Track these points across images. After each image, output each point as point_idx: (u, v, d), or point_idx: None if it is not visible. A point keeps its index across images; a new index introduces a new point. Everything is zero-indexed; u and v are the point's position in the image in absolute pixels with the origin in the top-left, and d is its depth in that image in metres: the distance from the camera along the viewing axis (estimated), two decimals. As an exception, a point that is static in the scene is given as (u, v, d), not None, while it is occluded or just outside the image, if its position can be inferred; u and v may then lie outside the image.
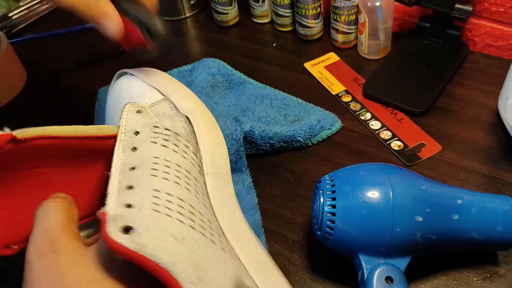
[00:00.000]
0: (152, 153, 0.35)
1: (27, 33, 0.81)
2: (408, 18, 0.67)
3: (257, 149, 0.52)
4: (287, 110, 0.57)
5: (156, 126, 0.38)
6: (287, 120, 0.56)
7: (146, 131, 0.37)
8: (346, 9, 0.63)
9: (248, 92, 0.61)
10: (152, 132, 0.37)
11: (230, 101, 0.59)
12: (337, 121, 0.56)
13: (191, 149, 0.38)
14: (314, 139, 0.54)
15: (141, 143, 0.35)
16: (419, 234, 0.37)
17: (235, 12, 0.74)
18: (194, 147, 0.38)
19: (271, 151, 0.53)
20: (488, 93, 0.58)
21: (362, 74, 0.63)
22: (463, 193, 0.40)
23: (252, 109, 0.58)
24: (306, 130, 0.53)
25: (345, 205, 0.38)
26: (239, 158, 0.50)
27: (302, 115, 0.56)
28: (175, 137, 0.37)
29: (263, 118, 0.56)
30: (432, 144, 0.53)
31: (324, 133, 0.54)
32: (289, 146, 0.53)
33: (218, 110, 0.57)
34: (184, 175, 0.34)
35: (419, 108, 0.56)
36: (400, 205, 0.37)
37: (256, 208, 0.48)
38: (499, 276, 0.41)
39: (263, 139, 0.51)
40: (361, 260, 0.38)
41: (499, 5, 0.59)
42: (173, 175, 0.33)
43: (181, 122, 0.40)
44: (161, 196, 0.31)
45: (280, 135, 0.51)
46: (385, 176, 0.39)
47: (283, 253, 0.45)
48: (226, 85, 0.62)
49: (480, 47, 0.64)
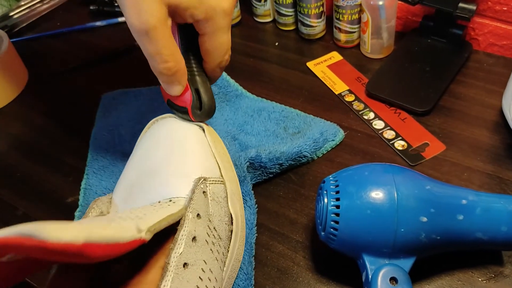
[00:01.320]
0: (203, 256, 0.35)
1: (28, 33, 0.81)
2: (411, 17, 0.67)
3: (267, 173, 0.50)
4: (287, 123, 0.56)
5: (210, 220, 0.37)
6: (287, 133, 0.54)
7: (202, 225, 0.36)
8: (349, 8, 0.63)
9: (244, 106, 0.59)
10: (206, 231, 0.36)
11: (226, 115, 0.58)
12: (339, 131, 0.54)
13: (222, 258, 0.38)
14: (319, 152, 0.53)
15: (199, 237, 0.35)
16: (424, 234, 0.37)
17: (237, 11, 0.74)
18: (225, 256, 0.39)
19: (280, 172, 0.51)
20: (492, 92, 0.57)
21: (365, 74, 0.63)
22: (468, 193, 0.40)
23: (250, 123, 0.56)
24: (311, 144, 0.51)
25: (349, 206, 0.38)
26: (240, 183, 0.47)
27: (302, 127, 0.55)
28: (218, 241, 0.38)
29: (262, 132, 0.55)
30: (436, 144, 0.52)
31: (329, 144, 0.53)
32: (296, 163, 0.52)
33: (214, 125, 0.55)
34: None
35: (422, 107, 0.55)
36: (405, 206, 0.37)
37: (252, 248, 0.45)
38: (503, 276, 0.41)
39: (271, 161, 0.49)
40: (365, 260, 0.38)
41: (503, 4, 0.59)
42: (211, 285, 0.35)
43: (225, 224, 0.39)
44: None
45: (287, 154, 0.50)
46: (389, 176, 0.39)
47: (286, 253, 0.45)
48: (222, 97, 0.60)
49: (484, 46, 0.64)
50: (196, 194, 0.37)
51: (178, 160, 0.40)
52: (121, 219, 0.32)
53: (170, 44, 0.38)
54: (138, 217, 0.32)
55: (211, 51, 0.42)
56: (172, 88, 0.41)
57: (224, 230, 0.39)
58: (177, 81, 0.41)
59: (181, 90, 0.42)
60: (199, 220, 0.36)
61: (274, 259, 0.45)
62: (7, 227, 0.22)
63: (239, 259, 0.42)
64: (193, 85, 0.42)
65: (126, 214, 0.33)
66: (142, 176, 0.40)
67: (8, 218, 0.52)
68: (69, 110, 0.65)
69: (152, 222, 0.32)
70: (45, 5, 0.83)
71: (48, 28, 0.80)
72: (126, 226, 0.30)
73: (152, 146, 0.42)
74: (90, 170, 0.55)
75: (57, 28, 0.80)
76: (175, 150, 0.41)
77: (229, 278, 0.40)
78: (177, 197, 0.37)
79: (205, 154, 0.41)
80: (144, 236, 0.30)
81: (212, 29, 0.40)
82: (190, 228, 0.35)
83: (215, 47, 0.41)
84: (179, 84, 0.41)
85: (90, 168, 0.55)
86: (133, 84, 0.66)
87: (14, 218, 0.52)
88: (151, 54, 0.38)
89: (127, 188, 0.40)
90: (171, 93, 0.42)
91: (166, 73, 0.40)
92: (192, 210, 0.36)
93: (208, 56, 0.42)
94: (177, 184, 0.38)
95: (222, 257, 0.38)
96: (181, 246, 0.33)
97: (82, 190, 0.53)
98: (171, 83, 0.41)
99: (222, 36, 0.41)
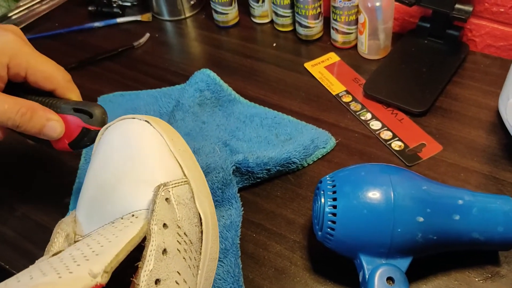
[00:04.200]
0: (176, 267, 0.33)
1: (27, 33, 0.81)
2: (408, 18, 0.67)
3: (254, 178, 0.50)
4: (278, 129, 0.55)
5: (178, 227, 0.36)
6: (278, 140, 0.54)
7: (171, 235, 0.35)
8: (346, 9, 0.63)
9: (237, 111, 0.58)
10: (176, 240, 0.35)
11: (219, 120, 0.57)
12: (330, 138, 0.54)
13: (194, 263, 0.37)
14: (310, 159, 0.52)
15: (170, 248, 0.34)
16: (420, 234, 0.37)
17: (235, 12, 0.74)
18: (197, 260, 0.37)
19: (268, 177, 0.51)
20: (489, 93, 0.58)
21: (362, 74, 0.63)
22: (464, 194, 0.40)
23: (242, 129, 0.56)
24: (301, 150, 0.51)
25: (346, 206, 0.38)
26: (225, 186, 0.47)
27: (294, 133, 0.54)
28: (189, 246, 0.36)
29: (254, 138, 0.54)
30: (433, 144, 0.53)
31: (319, 152, 0.53)
32: (285, 169, 0.51)
33: (206, 131, 0.55)
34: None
35: (419, 108, 0.56)
36: (401, 206, 0.37)
37: (237, 248, 0.45)
38: (500, 277, 0.41)
39: (259, 166, 0.49)
40: (362, 260, 0.38)
41: (500, 6, 0.59)
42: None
43: (195, 226, 0.38)
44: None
45: (275, 160, 0.49)
46: (386, 177, 0.39)
47: (284, 253, 0.45)
48: (214, 102, 0.59)
49: (481, 48, 0.64)
50: (158, 204, 0.35)
51: (134, 168, 0.38)
52: (74, 262, 0.30)
53: (4, 101, 0.40)
54: (94, 253, 0.31)
55: (48, 75, 0.43)
56: (50, 128, 0.42)
57: (195, 232, 0.37)
58: (45, 118, 0.41)
59: (60, 123, 0.42)
60: (166, 230, 0.34)
61: (272, 259, 0.45)
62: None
63: (215, 257, 0.40)
64: (68, 110, 0.43)
65: (80, 252, 0.32)
66: (100, 191, 0.38)
67: (6, 218, 0.52)
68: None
69: (109, 257, 0.30)
70: (43, 6, 0.83)
71: (46, 29, 0.80)
72: (77, 276, 0.28)
73: (106, 156, 0.39)
74: (81, 174, 0.54)
75: (56, 28, 0.80)
76: (130, 158, 0.38)
77: (206, 280, 0.38)
78: (139, 209, 0.35)
79: (163, 156, 0.39)
80: (100, 280, 0.29)
81: (25, 66, 0.42)
82: (158, 241, 0.33)
83: (45, 72, 0.43)
84: (50, 119, 0.41)
85: (82, 171, 0.54)
86: (131, 86, 0.66)
87: (13, 219, 0.52)
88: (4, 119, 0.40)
89: (87, 205, 0.38)
90: (56, 132, 0.42)
91: (26, 119, 0.40)
92: (157, 222, 0.34)
93: (49, 81, 0.44)
94: (137, 194, 0.36)
95: (195, 262, 0.36)
96: (150, 262, 0.32)
97: (74, 194, 0.52)
98: (43, 126, 0.41)
99: (42, 62, 0.44)
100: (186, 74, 0.65)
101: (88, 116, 0.43)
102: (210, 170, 0.47)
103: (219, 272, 0.42)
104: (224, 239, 0.45)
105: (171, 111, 0.58)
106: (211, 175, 0.46)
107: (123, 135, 0.39)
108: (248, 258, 0.45)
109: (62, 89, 0.44)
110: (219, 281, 0.42)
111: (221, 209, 0.47)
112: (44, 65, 0.44)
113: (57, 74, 0.44)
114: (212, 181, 0.46)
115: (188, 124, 0.55)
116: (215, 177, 0.46)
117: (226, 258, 0.43)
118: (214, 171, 0.46)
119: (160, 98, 0.62)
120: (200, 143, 0.51)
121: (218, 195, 0.47)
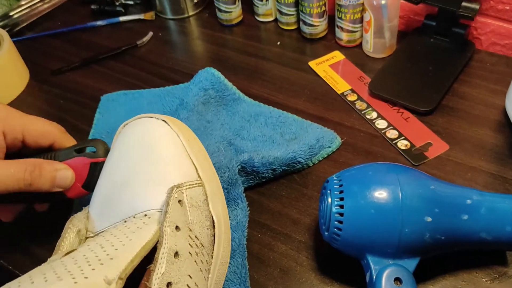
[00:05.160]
0: (187, 271, 0.33)
1: (29, 32, 0.80)
2: (413, 17, 0.67)
3: (259, 177, 0.50)
4: (283, 128, 0.55)
5: (190, 229, 0.35)
6: (283, 139, 0.54)
7: (183, 237, 0.34)
8: (351, 7, 0.62)
9: (241, 110, 0.58)
10: (188, 243, 0.34)
11: (223, 119, 0.57)
12: (336, 137, 0.54)
13: (206, 267, 0.36)
14: (315, 159, 0.52)
15: (181, 251, 0.33)
16: (428, 234, 0.37)
17: (239, 10, 0.74)
18: (208, 264, 0.37)
19: (273, 177, 0.51)
20: (495, 91, 0.57)
21: (367, 73, 0.63)
22: (472, 193, 0.39)
23: (247, 128, 0.55)
24: (306, 150, 0.51)
25: (353, 205, 0.38)
26: (231, 186, 0.47)
27: (299, 132, 0.54)
28: (201, 250, 0.36)
29: (259, 137, 0.54)
30: (439, 143, 0.52)
31: (325, 151, 0.53)
32: (290, 169, 0.51)
33: (211, 130, 0.55)
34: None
35: (425, 107, 0.55)
36: (409, 205, 0.37)
37: (244, 249, 0.45)
38: (508, 277, 0.41)
39: (264, 166, 0.48)
40: (369, 261, 0.38)
41: (505, 3, 0.59)
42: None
43: (207, 229, 0.37)
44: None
45: (281, 159, 0.49)
46: (393, 176, 0.38)
47: (289, 253, 0.45)
48: (219, 101, 0.59)
49: (486, 46, 0.64)
50: (171, 206, 0.35)
51: (149, 168, 0.38)
52: (88, 265, 0.30)
53: (9, 165, 0.40)
54: (108, 256, 0.31)
55: (45, 131, 0.44)
56: (61, 177, 0.41)
57: (207, 235, 0.37)
58: (53, 169, 0.41)
59: (69, 169, 0.42)
60: (178, 233, 0.34)
61: (277, 259, 0.45)
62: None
63: (226, 261, 0.40)
64: (70, 155, 0.43)
65: (94, 254, 0.31)
66: (114, 189, 0.38)
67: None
68: (70, 109, 0.64)
69: (123, 263, 0.30)
70: (45, 5, 0.83)
71: (49, 28, 0.80)
72: (93, 282, 0.28)
73: (122, 155, 0.39)
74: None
75: (58, 27, 0.80)
76: (146, 157, 0.38)
77: (216, 284, 0.38)
78: (152, 209, 0.35)
79: (178, 157, 0.39)
80: (115, 287, 0.29)
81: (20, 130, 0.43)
82: (171, 244, 0.33)
83: (41, 128, 0.44)
84: (58, 169, 0.41)
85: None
86: (134, 85, 0.66)
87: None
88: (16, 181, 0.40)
89: (101, 202, 0.38)
90: (68, 179, 0.42)
91: (36, 175, 0.40)
92: (170, 224, 0.34)
93: (46, 136, 0.44)
94: (151, 194, 0.36)
95: (206, 266, 0.36)
96: (162, 265, 0.31)
97: None
98: (54, 177, 0.41)
99: (35, 120, 0.44)
100: (190, 72, 0.65)
101: (91, 152, 0.43)
102: (215, 169, 0.46)
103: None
104: (230, 239, 0.44)
105: (175, 110, 0.57)
106: None
107: (139, 133, 0.39)
108: (253, 258, 0.45)
109: (60, 140, 0.45)
110: (226, 282, 0.42)
111: (227, 209, 0.47)
112: (38, 123, 0.44)
113: (53, 128, 0.45)
114: None
115: (192, 123, 0.55)
116: (220, 176, 0.46)
117: (233, 259, 0.43)
118: (219, 171, 0.46)
119: (164, 97, 0.62)
120: (204, 142, 0.50)
121: (224, 195, 0.46)
